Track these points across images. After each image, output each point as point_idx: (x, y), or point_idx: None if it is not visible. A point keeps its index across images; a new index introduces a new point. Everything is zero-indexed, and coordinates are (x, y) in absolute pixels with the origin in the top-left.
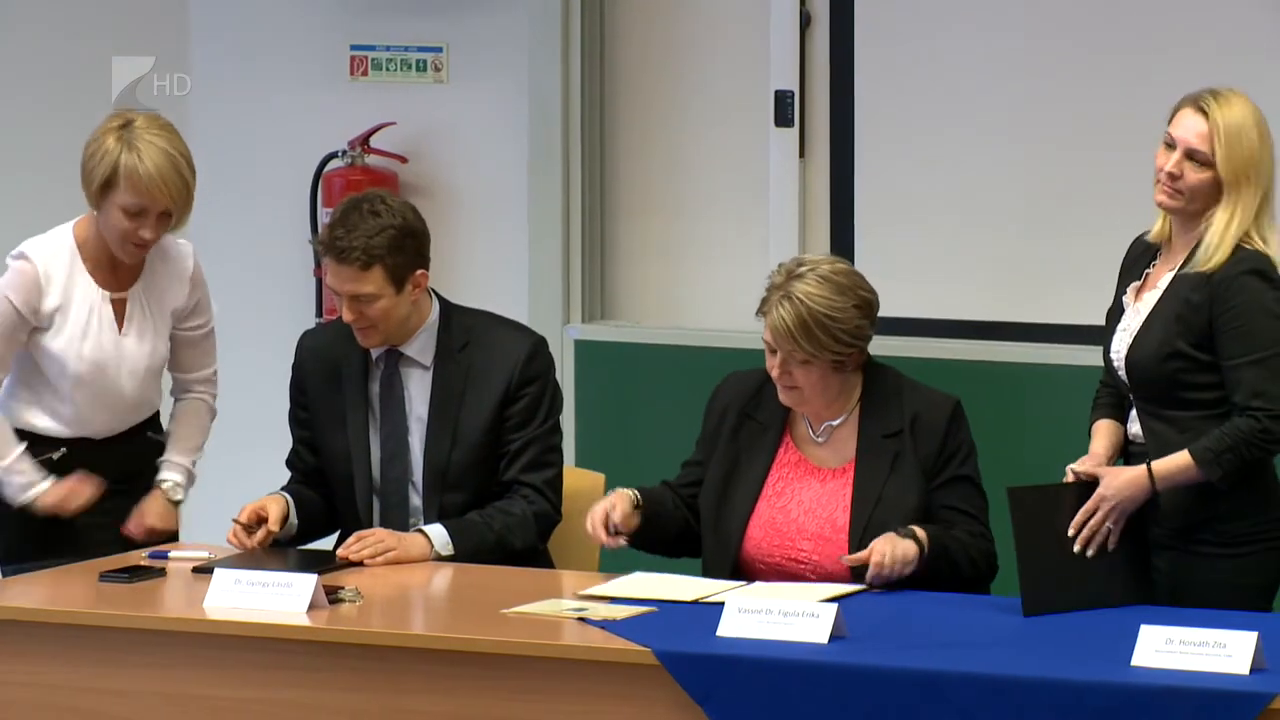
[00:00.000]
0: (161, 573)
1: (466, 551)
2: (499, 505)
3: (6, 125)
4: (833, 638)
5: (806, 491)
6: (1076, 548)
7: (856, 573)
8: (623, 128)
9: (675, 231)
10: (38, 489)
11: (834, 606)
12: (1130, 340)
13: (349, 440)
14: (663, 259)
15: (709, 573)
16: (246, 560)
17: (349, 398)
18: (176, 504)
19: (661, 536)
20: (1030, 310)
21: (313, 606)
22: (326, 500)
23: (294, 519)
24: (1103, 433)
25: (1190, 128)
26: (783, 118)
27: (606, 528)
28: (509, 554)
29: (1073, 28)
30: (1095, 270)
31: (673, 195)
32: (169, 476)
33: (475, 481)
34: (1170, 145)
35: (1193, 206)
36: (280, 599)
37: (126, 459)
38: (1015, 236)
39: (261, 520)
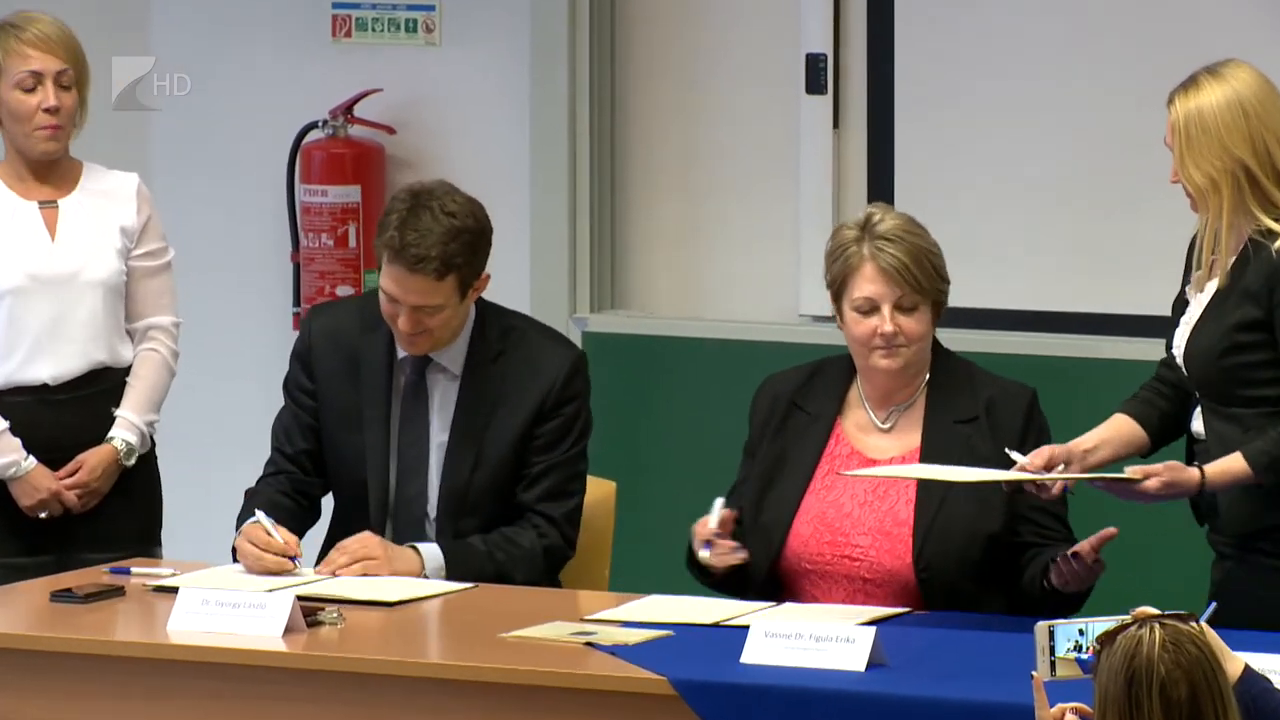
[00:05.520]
0: (120, 591)
1: (459, 578)
2: (506, 533)
3: None
4: (870, 665)
5: (861, 483)
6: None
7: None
8: (636, 95)
9: (694, 211)
10: (19, 467)
11: (872, 630)
12: (1188, 333)
13: (364, 443)
14: (680, 241)
15: (748, 577)
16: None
17: (368, 395)
18: (121, 469)
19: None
20: (1087, 300)
21: (289, 630)
22: (299, 502)
23: None
24: (1109, 424)
25: (1167, 126)
26: (815, 84)
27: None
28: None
29: None
30: (1162, 256)
31: (692, 170)
32: (122, 436)
33: (493, 505)
34: None
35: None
36: (253, 621)
37: (87, 426)
38: (1070, 217)
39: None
